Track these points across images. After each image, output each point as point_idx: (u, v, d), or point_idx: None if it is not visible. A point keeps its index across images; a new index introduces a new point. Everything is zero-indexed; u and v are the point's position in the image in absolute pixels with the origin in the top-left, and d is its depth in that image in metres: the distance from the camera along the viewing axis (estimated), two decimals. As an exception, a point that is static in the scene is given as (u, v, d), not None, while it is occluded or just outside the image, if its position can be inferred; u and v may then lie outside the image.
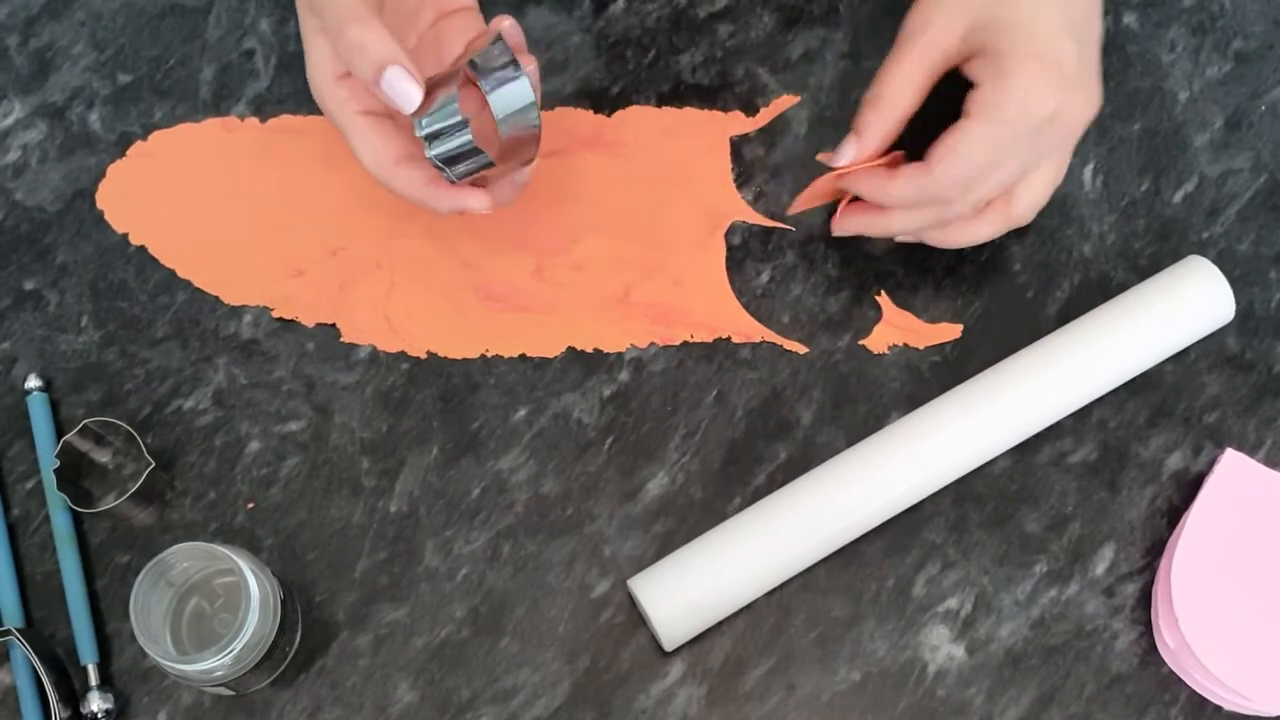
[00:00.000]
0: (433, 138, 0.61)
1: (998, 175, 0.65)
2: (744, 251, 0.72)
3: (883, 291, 0.71)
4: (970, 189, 0.65)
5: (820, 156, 0.68)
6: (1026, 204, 0.67)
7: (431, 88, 0.61)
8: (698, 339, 0.70)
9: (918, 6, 0.67)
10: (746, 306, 0.71)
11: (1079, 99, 0.64)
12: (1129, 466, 0.69)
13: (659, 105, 0.74)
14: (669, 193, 0.72)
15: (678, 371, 0.70)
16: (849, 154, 0.66)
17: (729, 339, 0.70)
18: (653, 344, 0.70)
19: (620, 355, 0.70)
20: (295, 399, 0.69)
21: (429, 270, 0.71)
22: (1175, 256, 0.71)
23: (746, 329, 0.70)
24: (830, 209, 0.71)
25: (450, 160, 0.62)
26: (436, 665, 0.66)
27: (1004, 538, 0.68)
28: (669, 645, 0.65)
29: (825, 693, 0.66)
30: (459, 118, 0.61)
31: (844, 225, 0.70)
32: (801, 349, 0.70)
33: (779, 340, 0.70)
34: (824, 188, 0.69)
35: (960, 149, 0.63)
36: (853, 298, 0.71)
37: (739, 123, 0.74)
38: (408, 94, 0.60)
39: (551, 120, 0.74)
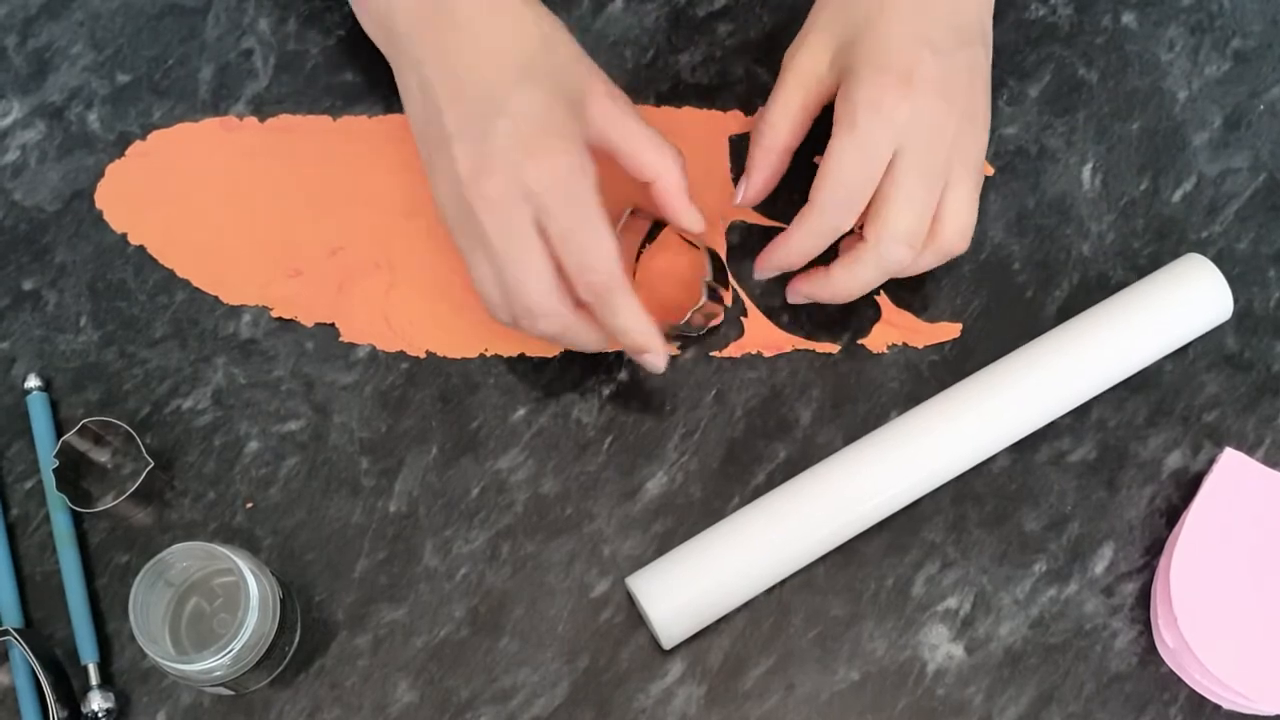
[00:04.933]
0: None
1: (898, 202, 0.63)
2: (743, 251, 0.72)
3: (881, 291, 0.71)
4: (859, 205, 0.64)
5: (734, 204, 0.70)
6: (953, 230, 0.65)
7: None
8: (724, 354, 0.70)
9: (797, 37, 0.68)
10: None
11: (938, 106, 0.63)
12: (1128, 466, 0.69)
13: (658, 105, 0.74)
14: (668, 192, 0.72)
15: (677, 371, 0.70)
16: (740, 194, 0.68)
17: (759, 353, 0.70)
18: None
19: (620, 355, 0.70)
20: (294, 399, 0.69)
21: (428, 270, 0.71)
22: (1174, 255, 0.71)
23: (777, 341, 0.70)
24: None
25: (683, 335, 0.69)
26: (436, 665, 0.66)
27: (1003, 537, 0.68)
28: (668, 644, 0.65)
29: (824, 692, 0.66)
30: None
31: (794, 294, 0.70)
32: (834, 348, 0.70)
33: (810, 345, 0.70)
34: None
35: (829, 170, 0.64)
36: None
37: (738, 122, 0.74)
38: (657, 368, 0.65)
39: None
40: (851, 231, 0.66)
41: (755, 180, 0.68)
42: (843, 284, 0.66)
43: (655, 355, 0.64)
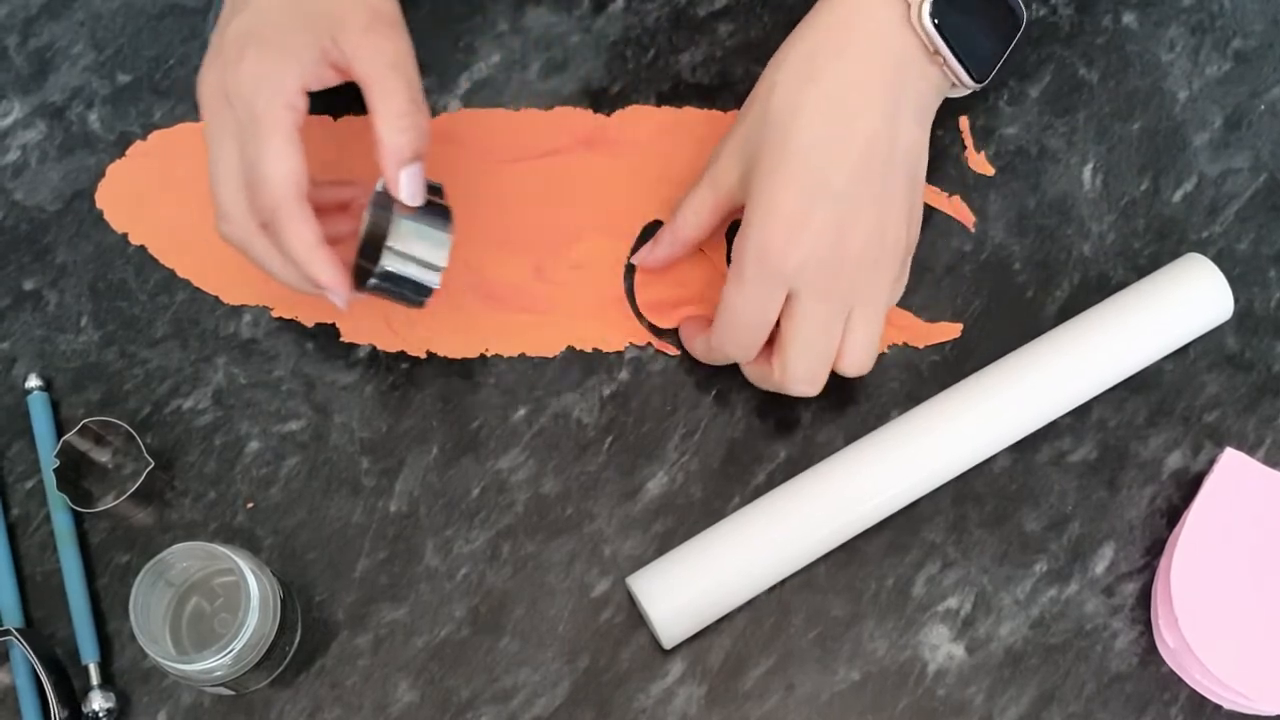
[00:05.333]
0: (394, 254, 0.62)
1: (803, 341, 0.63)
2: (743, 251, 0.72)
3: (882, 291, 0.71)
4: (754, 346, 0.65)
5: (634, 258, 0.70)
6: (850, 364, 0.65)
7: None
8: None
9: (724, 137, 0.67)
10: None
11: (831, 251, 0.62)
12: (1129, 466, 0.69)
13: (659, 105, 0.74)
14: (669, 192, 0.72)
15: (677, 371, 0.70)
16: (641, 256, 0.70)
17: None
18: (650, 344, 0.70)
19: (620, 355, 0.70)
20: (295, 399, 0.69)
21: (429, 270, 0.71)
22: (1174, 256, 0.71)
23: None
24: None
25: (395, 280, 0.63)
26: (436, 665, 0.66)
27: (1004, 537, 0.68)
28: (668, 643, 0.65)
29: (825, 692, 0.66)
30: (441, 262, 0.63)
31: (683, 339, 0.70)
32: None
33: None
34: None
35: (722, 314, 0.64)
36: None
37: (738, 122, 0.74)
38: (337, 304, 0.62)
39: (551, 120, 0.74)
40: None
41: (659, 256, 0.69)
42: (752, 375, 0.67)
43: (334, 293, 0.61)
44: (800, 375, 0.64)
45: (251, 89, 0.60)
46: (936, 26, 0.62)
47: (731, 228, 0.70)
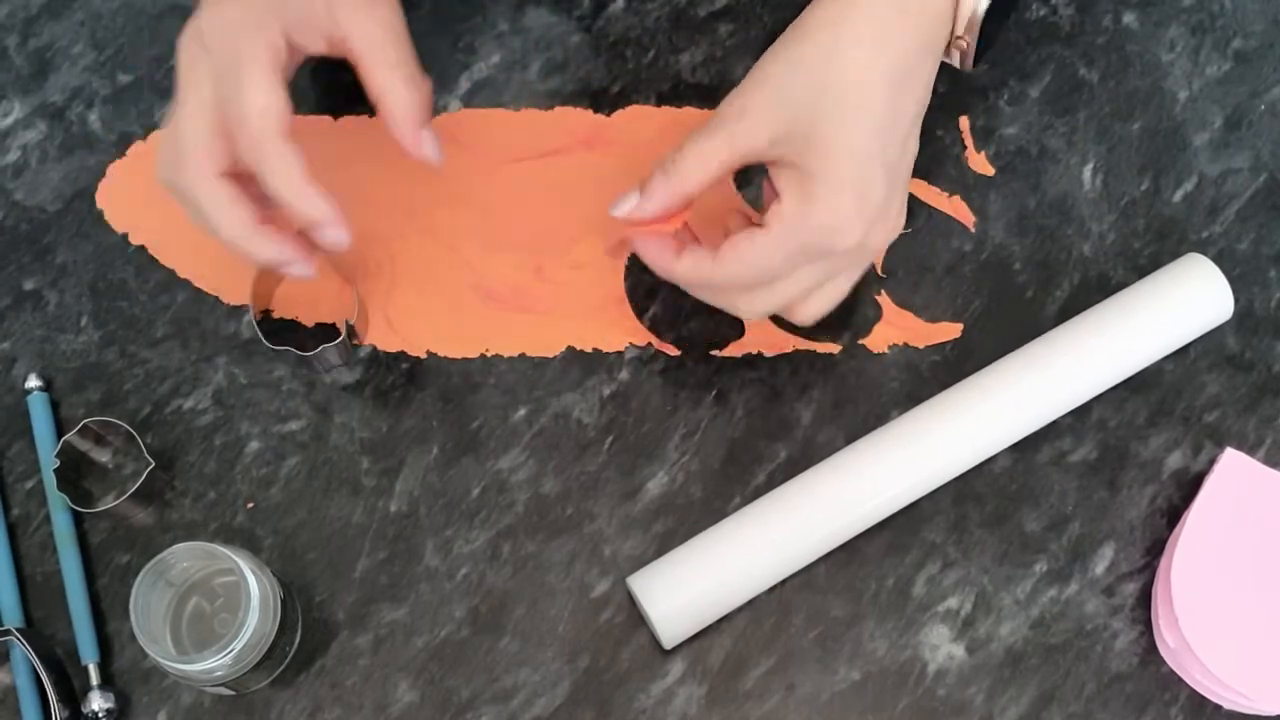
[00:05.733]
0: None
1: (784, 288, 0.62)
2: (744, 251, 0.72)
3: (882, 290, 0.71)
4: (751, 292, 0.62)
5: (610, 209, 0.63)
6: (808, 314, 0.64)
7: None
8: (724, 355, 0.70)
9: (738, 90, 0.61)
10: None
11: (882, 229, 0.61)
12: (1129, 466, 0.69)
13: (659, 105, 0.74)
14: (669, 192, 0.72)
15: (677, 371, 0.70)
16: (625, 209, 0.62)
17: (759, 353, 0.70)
18: (650, 344, 0.70)
19: (620, 355, 0.70)
20: (295, 399, 0.69)
21: (429, 270, 0.71)
22: (1175, 256, 0.71)
23: (777, 340, 0.70)
24: None
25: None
26: (436, 665, 0.66)
27: (1004, 537, 0.68)
28: (668, 643, 0.65)
29: (825, 692, 0.66)
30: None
31: (639, 249, 0.64)
32: (834, 348, 0.70)
33: (811, 345, 0.70)
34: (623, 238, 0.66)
35: (748, 257, 0.60)
36: (852, 297, 0.71)
37: (739, 122, 0.74)
38: (339, 243, 0.60)
39: (551, 119, 0.74)
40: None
41: (647, 209, 0.61)
42: (680, 272, 0.62)
43: (331, 227, 0.60)
44: (764, 307, 0.63)
45: (234, 30, 0.59)
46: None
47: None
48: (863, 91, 0.59)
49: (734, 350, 0.70)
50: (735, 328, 0.70)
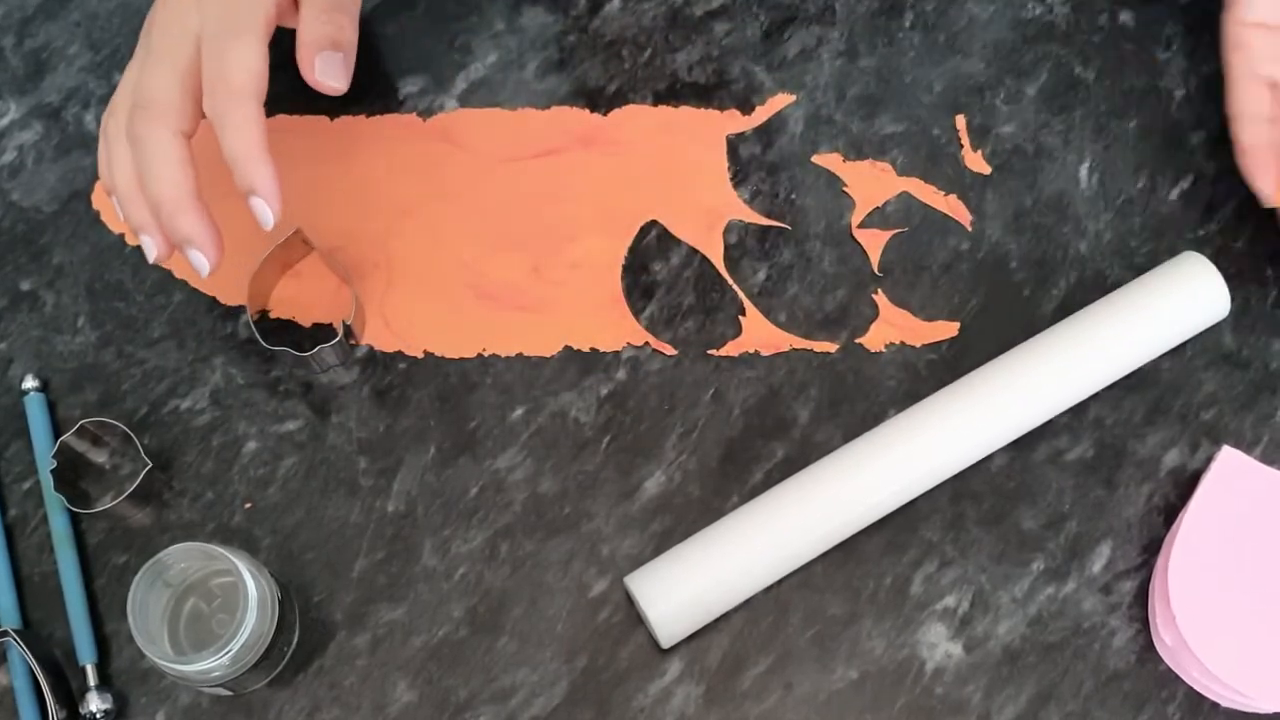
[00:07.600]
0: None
1: None
2: (740, 250, 0.72)
3: (879, 289, 0.71)
4: None
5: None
6: None
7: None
8: (722, 353, 0.70)
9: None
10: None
11: None
12: (1126, 464, 0.69)
13: (655, 104, 0.74)
14: (665, 192, 0.72)
15: (675, 370, 0.70)
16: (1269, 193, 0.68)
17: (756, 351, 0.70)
18: (647, 343, 0.70)
19: (617, 354, 0.70)
20: (292, 399, 0.69)
21: (426, 269, 0.71)
22: (1171, 254, 0.71)
23: (774, 340, 0.70)
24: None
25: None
26: (434, 665, 0.66)
27: (1001, 535, 0.68)
28: (666, 643, 0.65)
29: (823, 691, 0.66)
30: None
31: None
32: (831, 347, 0.70)
33: (808, 345, 0.70)
34: None
35: None
36: (849, 296, 0.71)
37: (735, 121, 0.74)
38: (265, 221, 0.61)
39: (548, 119, 0.74)
40: None
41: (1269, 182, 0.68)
42: None
43: (269, 198, 0.60)
44: None
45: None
46: None
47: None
48: None
49: (731, 349, 0.70)
50: (732, 327, 0.71)
